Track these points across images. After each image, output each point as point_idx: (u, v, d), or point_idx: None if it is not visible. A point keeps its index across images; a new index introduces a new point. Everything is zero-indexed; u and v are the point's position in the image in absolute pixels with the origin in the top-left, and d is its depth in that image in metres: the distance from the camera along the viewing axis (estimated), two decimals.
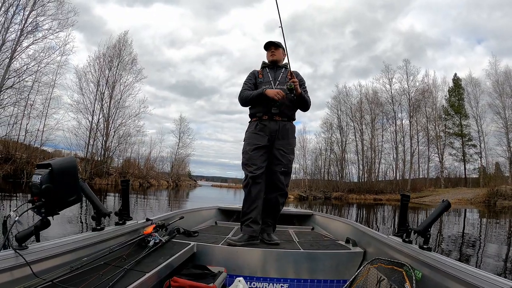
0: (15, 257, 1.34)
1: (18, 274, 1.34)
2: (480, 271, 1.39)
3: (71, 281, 1.43)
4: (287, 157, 2.83)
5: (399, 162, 35.18)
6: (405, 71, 35.62)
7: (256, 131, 2.83)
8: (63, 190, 1.50)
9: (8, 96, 21.14)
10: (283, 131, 2.83)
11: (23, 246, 1.40)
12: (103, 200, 12.97)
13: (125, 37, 29.69)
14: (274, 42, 2.99)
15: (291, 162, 2.88)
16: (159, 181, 34.70)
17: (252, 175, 2.74)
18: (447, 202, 1.89)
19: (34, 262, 1.40)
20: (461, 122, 35.15)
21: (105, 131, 28.08)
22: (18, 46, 21.20)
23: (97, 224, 2.01)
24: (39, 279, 1.34)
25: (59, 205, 1.49)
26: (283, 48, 3.02)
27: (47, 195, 1.42)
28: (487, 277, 1.32)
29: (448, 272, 1.53)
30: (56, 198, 1.47)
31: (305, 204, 21.69)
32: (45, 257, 1.50)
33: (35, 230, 1.45)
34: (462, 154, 35.04)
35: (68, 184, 1.53)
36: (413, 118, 35.12)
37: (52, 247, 1.56)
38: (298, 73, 2.95)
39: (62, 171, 1.49)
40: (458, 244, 7.01)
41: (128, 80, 29.41)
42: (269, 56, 3.01)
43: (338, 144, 36.91)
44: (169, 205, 15.18)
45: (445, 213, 15.37)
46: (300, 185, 36.02)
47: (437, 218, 1.94)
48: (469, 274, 1.40)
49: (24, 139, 22.93)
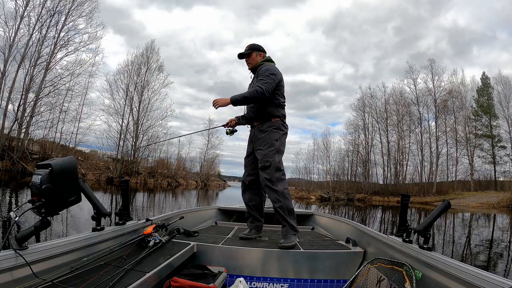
0: (15, 257, 1.34)
1: (18, 274, 1.34)
2: (480, 270, 1.39)
3: (71, 281, 1.44)
4: (263, 152, 2.82)
5: (425, 164, 34.39)
6: (430, 70, 34.49)
7: (248, 141, 3.12)
8: (63, 190, 1.49)
9: (44, 103, 23.28)
10: (259, 132, 2.92)
11: (23, 247, 1.41)
12: (131, 198, 13.79)
13: (152, 45, 31.36)
14: (243, 53, 3.03)
15: (269, 155, 2.79)
16: (187, 180, 35.76)
17: (243, 181, 3.09)
18: (447, 202, 1.90)
19: (34, 262, 1.41)
20: (490, 122, 33.44)
21: (135, 133, 29.64)
22: (52, 58, 23.28)
23: (97, 224, 2.00)
24: (39, 279, 1.35)
25: (59, 205, 1.49)
26: (256, 50, 3.03)
27: (47, 195, 1.42)
28: (487, 276, 1.31)
29: (448, 272, 1.53)
30: (56, 198, 1.46)
31: (327, 206, 21.61)
32: (45, 257, 1.51)
33: (35, 231, 1.44)
34: (492, 156, 33.39)
35: (68, 184, 1.52)
36: (440, 119, 34.03)
37: (52, 247, 1.56)
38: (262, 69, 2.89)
39: (62, 171, 1.48)
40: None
41: (155, 86, 31.02)
42: (247, 64, 3.07)
43: (363, 145, 36.55)
44: (198, 203, 15.85)
45: (460, 218, 15.12)
46: (323, 186, 36.05)
47: (437, 218, 1.94)
48: (469, 274, 1.39)
49: (60, 141, 25.24)
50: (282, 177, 2.85)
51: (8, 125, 21.66)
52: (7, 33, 21.23)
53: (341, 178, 37.34)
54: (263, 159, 2.80)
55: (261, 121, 2.94)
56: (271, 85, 2.79)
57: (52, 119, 24.42)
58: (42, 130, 23.72)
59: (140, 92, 30.15)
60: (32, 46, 22.20)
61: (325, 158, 37.37)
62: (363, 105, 36.66)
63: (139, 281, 1.57)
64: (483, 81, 35.26)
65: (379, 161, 35.92)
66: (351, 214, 16.46)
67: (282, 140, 2.92)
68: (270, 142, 2.84)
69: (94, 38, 25.27)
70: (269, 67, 2.90)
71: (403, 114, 34.82)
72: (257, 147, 2.90)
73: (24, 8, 21.64)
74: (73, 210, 6.89)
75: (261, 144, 2.87)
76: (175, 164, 36.31)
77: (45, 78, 22.90)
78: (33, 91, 22.46)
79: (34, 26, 22.14)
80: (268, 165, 2.77)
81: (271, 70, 2.87)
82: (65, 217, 6.50)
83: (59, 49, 23.74)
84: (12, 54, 21.30)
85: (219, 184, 45.49)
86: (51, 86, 23.31)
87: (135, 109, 29.86)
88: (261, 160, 2.81)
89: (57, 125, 25.06)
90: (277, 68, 2.96)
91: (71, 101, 25.56)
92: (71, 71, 24.54)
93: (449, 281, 1.53)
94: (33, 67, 22.26)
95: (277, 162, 2.81)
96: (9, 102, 21.51)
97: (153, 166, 32.63)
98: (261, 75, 2.84)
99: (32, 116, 22.52)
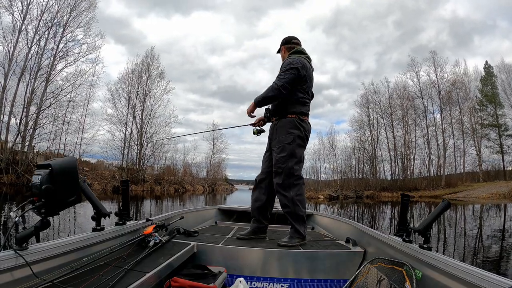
0: (15, 257, 1.34)
1: (18, 274, 1.34)
2: (480, 270, 1.39)
3: (71, 282, 1.44)
4: (276, 156, 2.76)
5: (433, 157, 34.10)
6: (432, 62, 34.36)
7: (268, 137, 3.01)
8: (63, 191, 1.49)
9: (46, 115, 23.48)
10: (274, 131, 2.85)
11: (23, 247, 1.41)
12: (138, 206, 13.72)
13: (152, 52, 31.49)
14: (278, 50, 3.10)
15: (280, 161, 2.73)
16: (194, 186, 35.82)
17: (256, 178, 3.03)
18: (446, 202, 1.90)
19: (34, 262, 1.41)
20: (496, 111, 33.07)
21: (139, 140, 29.66)
22: (52, 70, 23.48)
23: (97, 224, 2.01)
24: (39, 279, 1.35)
25: (59, 206, 1.49)
26: (283, 44, 3.04)
27: (47, 195, 1.42)
28: (487, 276, 1.31)
29: (448, 272, 1.53)
30: (56, 199, 1.46)
31: (336, 205, 21.47)
32: (45, 257, 1.51)
33: (35, 231, 1.44)
34: (500, 146, 32.95)
35: (68, 185, 1.52)
36: (445, 111, 33.76)
37: (52, 247, 1.57)
38: (284, 63, 2.85)
39: (62, 172, 1.49)
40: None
41: (157, 93, 31.15)
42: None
43: (369, 141, 36.33)
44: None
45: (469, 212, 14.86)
46: (331, 185, 35.82)
47: (437, 218, 1.94)
48: (469, 274, 1.40)
49: (64, 152, 25.32)
50: (295, 183, 2.75)
51: (11, 139, 21.80)
52: (5, 48, 21.45)
53: (348, 176, 37.29)
54: (276, 165, 2.77)
55: (277, 117, 2.85)
56: (289, 80, 2.68)
57: (55, 131, 24.73)
58: (45, 142, 24.06)
59: (142, 100, 30.30)
60: (31, 59, 22.43)
61: (332, 157, 37.38)
62: (367, 101, 36.63)
63: (139, 281, 1.57)
64: (486, 70, 35.03)
65: (386, 157, 35.80)
66: (360, 212, 16.34)
67: (298, 142, 2.76)
68: (282, 146, 2.75)
69: (93, 48, 25.43)
70: (290, 60, 2.77)
71: (407, 108, 34.68)
72: (272, 147, 2.85)
73: (22, 22, 21.86)
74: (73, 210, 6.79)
75: (275, 146, 2.80)
76: (181, 170, 36.30)
77: (46, 90, 23.06)
78: (35, 103, 22.65)
79: (33, 39, 22.36)
80: (280, 172, 2.74)
81: (290, 63, 2.73)
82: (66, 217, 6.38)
83: (59, 61, 23.95)
84: (12, 68, 21.52)
85: (226, 188, 45.58)
86: (52, 98, 23.51)
87: (138, 117, 29.97)
88: (274, 165, 2.79)
89: (60, 137, 25.35)
90: (301, 59, 2.79)
91: (73, 112, 25.77)
92: (71, 82, 24.75)
93: (449, 281, 1.53)
94: (34, 79, 22.47)
95: (289, 168, 2.72)
96: (11, 115, 21.64)
97: (159, 173, 32.56)
98: (280, 70, 2.77)
99: (35, 129, 22.70)
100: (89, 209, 2.24)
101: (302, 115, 2.80)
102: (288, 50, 2.98)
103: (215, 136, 40.36)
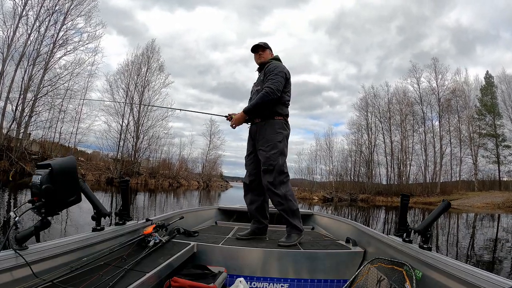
0: (15, 257, 1.34)
1: (18, 274, 1.34)
2: (480, 270, 1.39)
3: (71, 282, 1.44)
4: (266, 154, 2.75)
5: (429, 164, 34.13)
6: (433, 69, 34.35)
7: (248, 139, 3.02)
8: (63, 190, 1.49)
9: (43, 103, 23.14)
10: (261, 131, 2.84)
11: (23, 247, 1.41)
12: (131, 199, 13.63)
13: (152, 45, 31.26)
14: (260, 44, 3.01)
15: (272, 158, 2.73)
16: (189, 181, 35.74)
17: (244, 182, 3.01)
18: (446, 202, 1.90)
19: (34, 262, 1.41)
20: (494, 121, 33.15)
21: (136, 133, 29.41)
22: (51, 58, 23.24)
23: (97, 224, 2.01)
24: (39, 279, 1.35)
25: (59, 205, 1.49)
26: (270, 49, 3.07)
27: (47, 195, 1.42)
28: (487, 276, 1.31)
29: (448, 272, 1.53)
30: (56, 199, 1.46)
31: (330, 207, 21.49)
32: (45, 257, 1.51)
33: (35, 231, 1.44)
34: (496, 156, 33.08)
35: (68, 184, 1.52)
36: (444, 118, 33.81)
37: (52, 247, 1.57)
38: (271, 66, 2.87)
39: (62, 171, 1.48)
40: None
41: (155, 86, 30.90)
42: (256, 58, 3.04)
43: (366, 145, 36.27)
44: (200, 203, 15.70)
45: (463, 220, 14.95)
46: (326, 186, 35.79)
47: (437, 218, 1.95)
48: (469, 274, 1.39)
49: (59, 141, 25.23)
50: (285, 180, 2.79)
51: (6, 125, 21.55)
52: (5, 33, 21.16)
53: (344, 178, 37.20)
54: (266, 162, 2.75)
55: (263, 118, 2.86)
56: (281, 84, 2.77)
57: (51, 119, 24.37)
58: (41, 130, 23.70)
59: (140, 92, 30.07)
60: (30, 45, 22.16)
61: (328, 158, 37.28)
62: (366, 104, 36.57)
63: (139, 281, 1.57)
64: (487, 80, 35.06)
65: (382, 161, 35.78)
66: (354, 215, 16.38)
67: (285, 142, 2.86)
68: (273, 143, 2.77)
69: (93, 37, 25.16)
70: (277, 64, 2.88)
71: (406, 113, 34.66)
72: (259, 146, 2.84)
73: (23, 7, 21.58)
74: (73, 210, 6.82)
75: (263, 145, 2.80)
76: (177, 165, 36.17)
77: (44, 78, 22.80)
78: (32, 90, 22.37)
79: (33, 25, 22.09)
80: (272, 169, 2.74)
81: (279, 68, 2.84)
82: (65, 217, 6.44)
83: (58, 49, 23.68)
84: (11, 53, 21.26)
85: (221, 185, 45.48)
86: (50, 86, 23.21)
87: (135, 109, 29.69)
88: (264, 163, 2.77)
89: (56, 125, 24.97)
90: (285, 66, 2.93)
91: (70, 101, 25.37)
92: (70, 71, 24.43)
93: (449, 281, 1.52)
94: (32, 66, 22.22)
95: (280, 165, 2.76)
96: (8, 101, 21.40)
97: (154, 166, 32.40)
98: (270, 73, 2.81)
99: (30, 116, 22.43)
100: (87, 209, 2.17)
101: (287, 117, 2.92)
102: (271, 55, 3.08)
103: (212, 132, 40.35)
